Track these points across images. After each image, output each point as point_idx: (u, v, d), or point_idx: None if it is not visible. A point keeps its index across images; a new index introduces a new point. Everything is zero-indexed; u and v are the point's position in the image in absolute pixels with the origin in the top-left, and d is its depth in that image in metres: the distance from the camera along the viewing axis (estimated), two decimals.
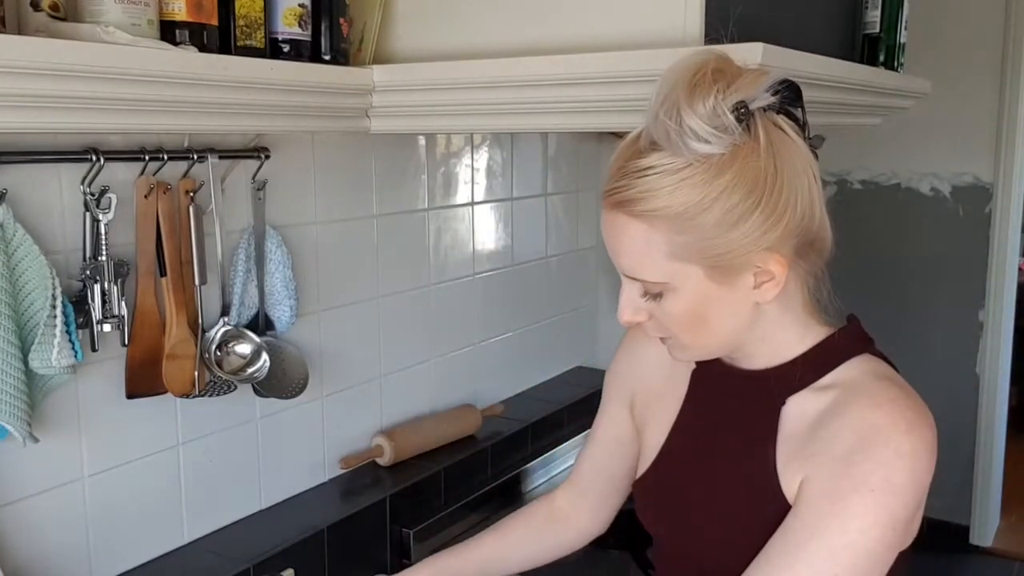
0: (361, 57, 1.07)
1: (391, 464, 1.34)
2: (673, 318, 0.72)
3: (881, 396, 0.70)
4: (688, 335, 0.73)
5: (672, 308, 0.71)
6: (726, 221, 0.66)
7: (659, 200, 0.66)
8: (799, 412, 0.74)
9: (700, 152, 0.65)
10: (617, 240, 0.71)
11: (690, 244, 0.67)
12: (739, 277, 0.69)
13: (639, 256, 0.69)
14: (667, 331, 0.74)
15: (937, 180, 2.45)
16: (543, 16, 0.97)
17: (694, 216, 0.66)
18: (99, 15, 0.80)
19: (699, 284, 0.69)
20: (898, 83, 1.24)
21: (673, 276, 0.69)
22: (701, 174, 0.65)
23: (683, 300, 0.70)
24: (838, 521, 0.67)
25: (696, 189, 0.65)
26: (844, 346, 0.75)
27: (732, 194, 0.65)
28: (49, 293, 0.87)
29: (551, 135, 1.71)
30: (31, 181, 0.90)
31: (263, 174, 1.11)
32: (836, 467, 0.68)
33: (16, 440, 0.86)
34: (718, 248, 0.67)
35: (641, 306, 0.73)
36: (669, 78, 0.66)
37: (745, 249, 0.67)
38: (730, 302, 0.71)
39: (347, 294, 1.30)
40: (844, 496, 0.67)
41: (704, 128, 0.64)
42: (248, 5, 0.91)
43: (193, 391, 1.04)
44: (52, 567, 0.97)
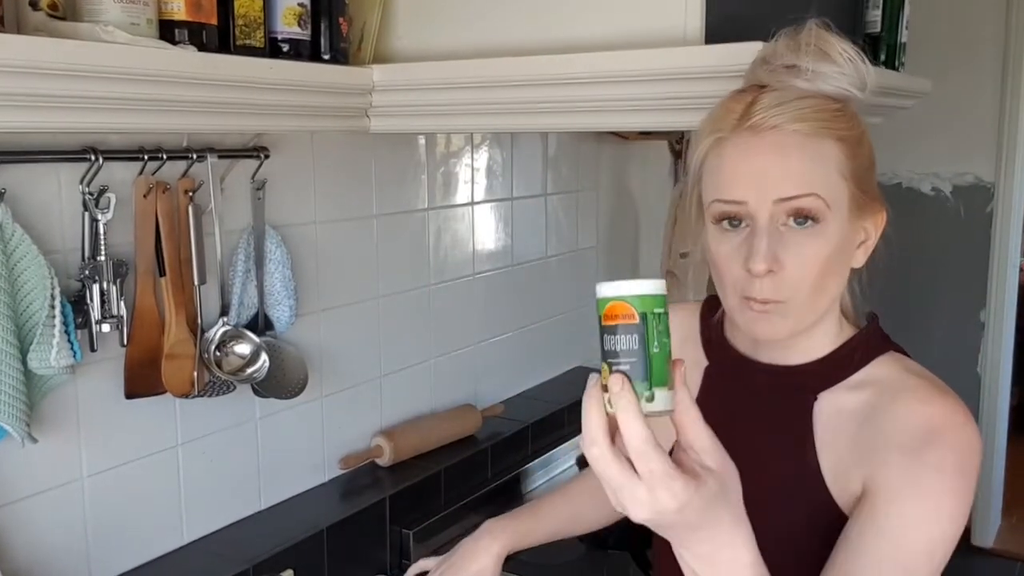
0: (361, 56, 1.07)
1: (391, 464, 1.34)
2: (810, 261, 0.70)
3: (927, 391, 0.72)
4: (808, 289, 0.71)
5: (821, 244, 0.70)
6: (870, 158, 0.73)
7: (842, 123, 0.70)
8: (834, 410, 0.75)
9: (849, 93, 0.71)
10: (783, 159, 0.69)
11: (853, 168, 0.71)
12: (862, 223, 0.74)
13: (811, 168, 0.69)
14: (795, 284, 0.71)
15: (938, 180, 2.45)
16: (543, 16, 0.97)
17: (861, 144, 0.72)
18: (98, 14, 0.80)
19: (844, 215, 0.71)
20: (899, 82, 1.24)
21: (837, 196, 0.70)
22: (852, 112, 0.72)
23: (830, 232, 0.70)
24: (932, 507, 0.67)
25: (854, 120, 0.72)
26: (871, 343, 0.77)
27: (868, 136, 0.73)
28: (48, 293, 0.87)
29: (551, 135, 1.71)
30: (30, 181, 0.90)
31: (262, 174, 1.11)
32: (906, 459, 0.68)
33: (15, 440, 0.86)
34: (867, 179, 0.73)
35: (778, 256, 0.70)
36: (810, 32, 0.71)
37: (875, 192, 0.74)
38: (848, 253, 0.73)
39: (347, 294, 1.30)
40: (926, 482, 0.67)
41: (851, 51, 0.71)
42: (247, 4, 0.91)
43: (192, 391, 1.04)
44: (51, 568, 0.97)
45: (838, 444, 0.73)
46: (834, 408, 0.75)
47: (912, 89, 1.24)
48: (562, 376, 1.83)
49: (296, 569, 1.11)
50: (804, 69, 0.70)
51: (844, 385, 0.76)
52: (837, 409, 0.75)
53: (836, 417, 0.74)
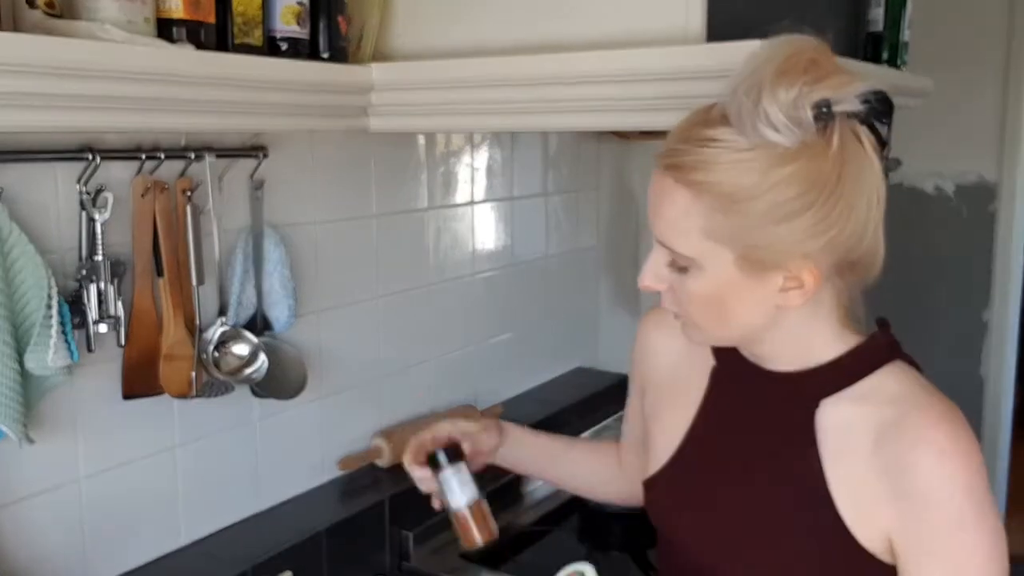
0: (360, 55, 1.06)
1: (390, 465, 1.34)
2: (691, 297, 0.70)
3: (932, 414, 0.70)
4: (701, 317, 0.72)
5: (693, 287, 0.70)
6: (772, 215, 0.65)
7: (712, 174, 0.65)
8: (840, 423, 0.73)
9: (767, 138, 0.63)
10: (659, 202, 0.70)
11: (729, 227, 0.66)
12: (768, 275, 0.68)
13: (675, 224, 0.68)
14: (683, 310, 0.73)
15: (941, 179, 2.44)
16: (543, 15, 0.97)
17: (742, 200, 0.64)
18: (95, 12, 0.80)
19: (725, 270, 0.68)
20: (901, 81, 1.23)
21: (703, 254, 0.68)
22: (762, 160, 0.64)
23: (706, 281, 0.69)
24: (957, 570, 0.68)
25: (752, 174, 0.64)
26: (877, 352, 0.75)
27: (786, 189, 0.64)
28: (45, 293, 0.86)
29: (551, 135, 1.71)
30: (26, 180, 0.90)
31: (261, 173, 1.11)
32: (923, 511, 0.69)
33: (12, 441, 0.86)
34: (756, 240, 0.66)
35: (664, 276, 0.72)
36: (761, 56, 0.65)
37: (783, 249, 0.66)
38: (752, 297, 0.69)
39: (346, 294, 1.29)
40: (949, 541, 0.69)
41: (778, 116, 0.63)
42: (246, 3, 0.90)
43: (190, 392, 1.03)
44: (48, 569, 0.96)
45: (850, 465, 0.72)
46: (840, 421, 0.73)
47: (914, 88, 1.24)
48: (562, 376, 1.82)
49: (295, 570, 1.10)
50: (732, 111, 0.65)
51: (847, 395, 0.74)
52: (844, 423, 0.73)
53: (843, 432, 0.73)
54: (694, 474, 0.82)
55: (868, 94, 0.66)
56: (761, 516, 0.76)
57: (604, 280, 1.92)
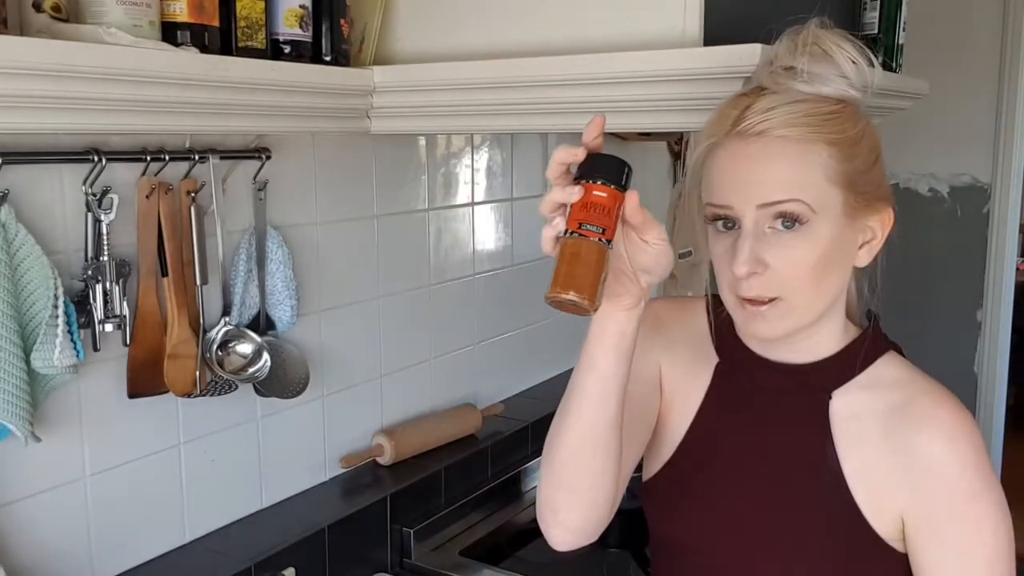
0: (362, 58, 1.07)
1: (391, 463, 1.35)
2: (804, 261, 0.71)
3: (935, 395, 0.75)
4: (806, 287, 0.72)
5: (808, 248, 0.70)
6: (868, 159, 0.73)
7: (833, 125, 0.71)
8: (851, 412, 0.76)
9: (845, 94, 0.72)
10: (769, 166, 0.70)
11: (845, 171, 0.71)
12: (862, 223, 0.74)
13: (799, 177, 0.70)
14: (779, 285, 0.71)
15: (935, 180, 2.46)
16: (543, 17, 0.98)
17: (850, 145, 0.71)
18: (101, 16, 0.81)
19: (837, 219, 0.71)
20: (896, 84, 1.24)
21: (824, 200, 0.70)
22: (851, 111, 0.72)
23: (821, 236, 0.71)
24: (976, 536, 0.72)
25: (851, 121, 0.72)
26: (875, 343, 0.79)
27: (869, 137, 0.73)
28: (51, 293, 0.87)
29: (551, 136, 1.72)
30: (33, 181, 0.91)
31: (264, 174, 1.12)
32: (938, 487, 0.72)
33: (18, 439, 0.87)
34: (864, 181, 0.72)
35: (761, 258, 0.71)
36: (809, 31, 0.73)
37: (876, 192, 0.73)
38: (845, 251, 0.73)
39: (348, 294, 1.30)
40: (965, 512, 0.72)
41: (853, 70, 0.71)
42: (249, 6, 0.91)
43: (194, 391, 1.04)
44: (54, 566, 0.97)
45: (863, 451, 0.75)
46: (851, 410, 0.76)
47: (909, 90, 1.25)
48: (562, 376, 1.83)
49: (297, 567, 1.11)
50: (801, 71, 0.71)
51: (855, 384, 0.77)
52: (854, 411, 0.76)
53: (855, 421, 0.75)
54: (699, 472, 0.81)
55: None
56: (777, 511, 0.77)
57: None
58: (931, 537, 0.73)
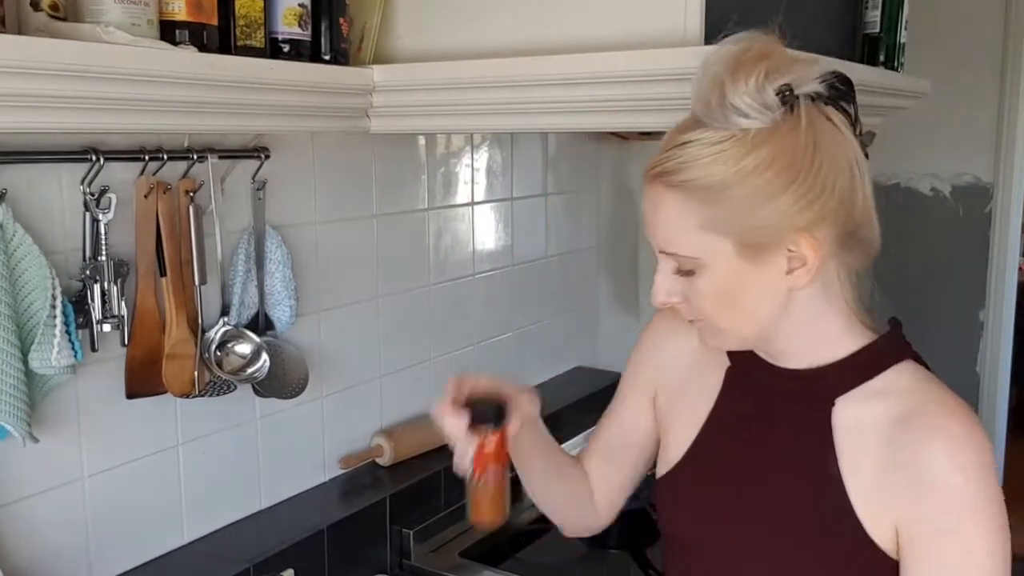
0: (361, 57, 1.07)
1: (391, 464, 1.34)
2: (705, 298, 0.72)
3: (944, 407, 0.71)
4: (720, 317, 0.73)
5: (704, 287, 0.71)
6: (759, 196, 0.67)
7: (694, 171, 0.67)
8: (854, 419, 0.74)
9: (739, 125, 0.66)
10: (654, 212, 0.71)
11: (722, 217, 0.68)
12: (770, 256, 0.70)
13: (673, 228, 0.70)
14: (700, 313, 0.74)
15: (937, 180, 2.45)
16: (543, 16, 0.97)
17: (728, 187, 0.67)
18: (99, 15, 0.80)
19: (729, 260, 0.69)
20: (898, 83, 1.24)
21: (704, 250, 0.69)
22: (737, 147, 0.67)
23: (715, 277, 0.70)
24: (971, 557, 0.69)
25: (731, 162, 0.67)
26: (890, 350, 0.76)
27: (766, 169, 0.66)
28: (49, 293, 0.87)
29: (551, 135, 1.71)
30: (31, 181, 0.90)
31: (263, 174, 1.11)
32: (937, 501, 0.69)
33: (16, 440, 0.86)
34: (749, 223, 0.68)
35: (675, 288, 0.73)
36: (714, 57, 0.68)
37: (777, 227, 0.68)
38: (761, 283, 0.71)
39: (347, 294, 1.30)
40: (962, 529, 0.69)
41: (745, 102, 0.66)
42: (248, 5, 0.91)
43: (193, 391, 1.04)
44: (52, 567, 0.97)
45: (864, 461, 0.73)
46: (854, 419, 0.74)
47: (911, 90, 1.24)
48: (562, 376, 1.83)
49: (296, 568, 1.11)
50: (696, 107, 0.69)
51: (861, 392, 0.74)
52: (858, 421, 0.73)
53: (858, 431, 0.73)
54: (708, 472, 0.82)
55: (828, 75, 0.69)
56: (776, 514, 0.76)
57: (603, 280, 1.92)
58: (924, 550, 0.70)
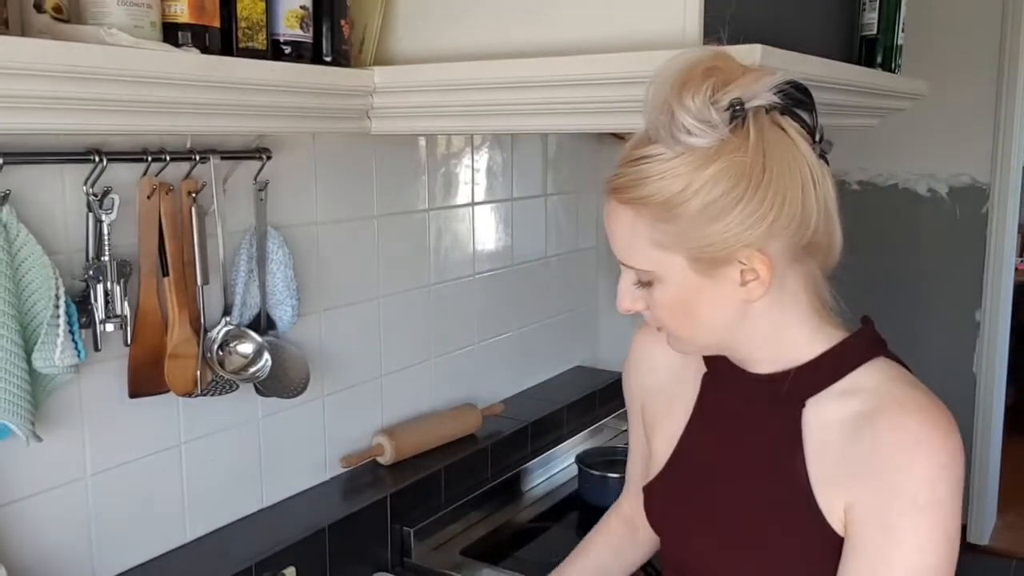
0: (362, 59, 1.07)
1: (392, 463, 1.35)
2: (661, 308, 0.74)
3: (910, 404, 0.71)
4: (676, 326, 0.75)
5: (660, 298, 0.73)
6: (707, 213, 0.68)
7: (645, 188, 0.69)
8: (822, 419, 0.74)
9: (687, 143, 0.67)
10: (610, 226, 0.74)
11: (673, 233, 0.69)
12: (723, 271, 0.70)
13: (627, 243, 0.72)
14: (660, 322, 0.76)
15: (934, 181, 2.46)
16: (543, 18, 0.98)
17: (677, 205, 0.68)
18: (102, 17, 0.81)
19: (683, 275, 0.71)
20: (896, 84, 1.25)
21: (658, 265, 0.71)
22: (687, 165, 0.67)
23: (669, 290, 0.72)
24: (899, 549, 0.68)
25: (680, 179, 0.67)
26: (860, 349, 0.75)
27: (715, 187, 0.67)
28: (52, 293, 0.88)
29: (551, 136, 1.72)
30: (34, 182, 0.91)
31: (265, 175, 1.12)
32: (881, 490, 0.69)
33: (19, 439, 0.87)
34: (699, 240, 0.69)
35: (637, 296, 0.75)
36: (661, 74, 0.69)
37: (726, 243, 0.68)
38: (715, 296, 0.72)
39: (348, 294, 1.30)
40: (896, 521, 0.68)
41: (690, 121, 0.66)
42: (250, 7, 0.92)
43: (195, 390, 1.05)
44: (55, 565, 0.97)
45: (827, 456, 0.73)
46: (822, 417, 0.74)
47: (908, 91, 1.25)
48: (562, 376, 1.83)
49: (298, 567, 1.11)
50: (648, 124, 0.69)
51: (831, 392, 0.74)
52: (825, 419, 0.74)
53: (825, 428, 0.73)
54: (687, 478, 0.83)
55: (783, 86, 0.69)
56: (749, 517, 0.77)
57: (603, 280, 1.93)
58: (857, 537, 0.70)
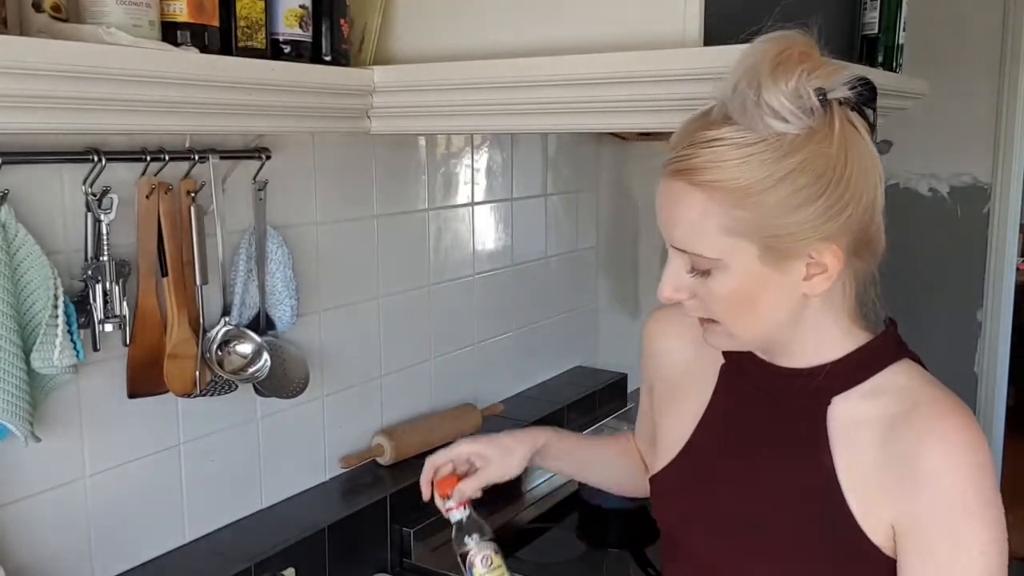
0: (361, 58, 1.07)
1: (391, 463, 1.35)
2: (719, 299, 0.70)
3: (944, 406, 0.71)
4: (732, 319, 0.72)
5: (720, 288, 0.69)
6: (789, 203, 0.65)
7: (724, 172, 0.65)
8: (849, 417, 0.74)
9: (775, 129, 0.65)
10: (672, 209, 0.69)
11: (748, 221, 0.66)
12: (791, 263, 0.69)
13: (694, 227, 0.68)
14: (710, 312, 0.72)
15: (935, 180, 2.46)
16: (543, 17, 0.98)
17: (757, 193, 0.65)
18: (101, 16, 0.81)
19: (750, 264, 0.68)
20: (897, 84, 1.24)
21: (726, 252, 0.68)
22: (771, 151, 0.65)
23: (732, 280, 0.69)
24: (964, 553, 0.68)
25: (764, 166, 0.65)
26: (886, 350, 0.76)
27: (799, 177, 0.65)
28: (51, 293, 0.87)
29: (551, 136, 1.72)
30: (33, 181, 0.91)
31: (264, 174, 1.12)
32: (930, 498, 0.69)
33: (18, 439, 0.87)
34: (776, 229, 0.66)
35: (684, 284, 0.71)
36: (754, 52, 0.66)
37: (803, 235, 0.67)
38: (779, 289, 0.70)
39: (347, 294, 1.30)
40: (954, 527, 0.69)
41: (784, 106, 0.64)
42: (249, 6, 0.91)
43: (194, 391, 1.04)
44: (54, 566, 0.97)
45: (859, 458, 0.73)
46: (850, 416, 0.74)
47: (910, 90, 1.25)
48: (562, 376, 1.83)
49: (297, 567, 1.11)
50: (732, 107, 0.66)
51: (858, 391, 0.74)
52: (853, 418, 0.74)
53: (853, 427, 0.73)
54: (702, 469, 0.82)
55: (855, 81, 0.69)
56: (771, 512, 0.77)
57: (603, 280, 1.93)
58: (919, 549, 0.70)
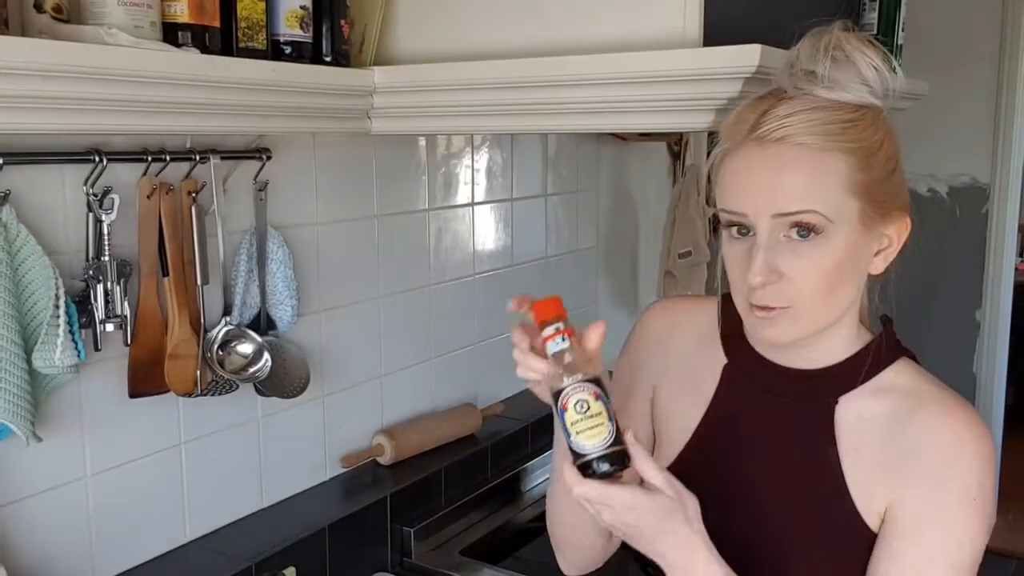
0: (362, 58, 1.07)
1: (392, 463, 1.35)
2: (812, 269, 0.70)
3: (949, 403, 0.74)
4: (813, 297, 0.71)
5: (819, 255, 0.70)
6: (888, 166, 0.72)
7: (848, 135, 0.70)
8: (857, 416, 0.75)
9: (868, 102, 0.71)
10: (781, 175, 0.70)
11: (862, 181, 0.70)
12: (878, 231, 0.73)
13: (815, 186, 0.69)
14: (789, 293, 0.71)
15: (934, 181, 2.46)
16: (543, 18, 0.98)
17: (870, 154, 0.70)
18: (102, 17, 0.81)
19: (852, 227, 0.70)
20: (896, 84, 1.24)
21: (840, 210, 0.70)
22: (871, 119, 0.71)
23: (834, 244, 0.70)
24: (953, 538, 0.70)
25: (871, 129, 0.71)
26: (887, 348, 0.78)
27: (888, 145, 0.72)
28: (52, 293, 0.88)
29: (551, 136, 1.72)
30: (34, 182, 0.91)
31: (265, 175, 1.12)
32: (930, 483, 0.71)
33: (19, 439, 0.87)
34: (884, 189, 0.71)
35: (775, 265, 0.71)
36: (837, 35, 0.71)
37: (899, 197, 0.73)
38: (860, 261, 0.73)
39: (348, 294, 1.30)
40: (950, 512, 0.70)
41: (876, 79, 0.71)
42: (250, 7, 0.92)
43: (195, 390, 1.05)
44: (55, 565, 0.97)
45: (864, 455, 0.74)
46: (856, 415, 0.75)
47: (909, 91, 1.25)
48: None
49: (298, 567, 1.11)
50: (822, 76, 0.70)
51: (864, 390, 0.76)
52: (859, 416, 0.75)
53: (860, 425, 0.75)
54: (704, 470, 0.82)
55: None
56: (774, 509, 0.77)
57: (603, 280, 1.93)
58: (905, 530, 0.72)
